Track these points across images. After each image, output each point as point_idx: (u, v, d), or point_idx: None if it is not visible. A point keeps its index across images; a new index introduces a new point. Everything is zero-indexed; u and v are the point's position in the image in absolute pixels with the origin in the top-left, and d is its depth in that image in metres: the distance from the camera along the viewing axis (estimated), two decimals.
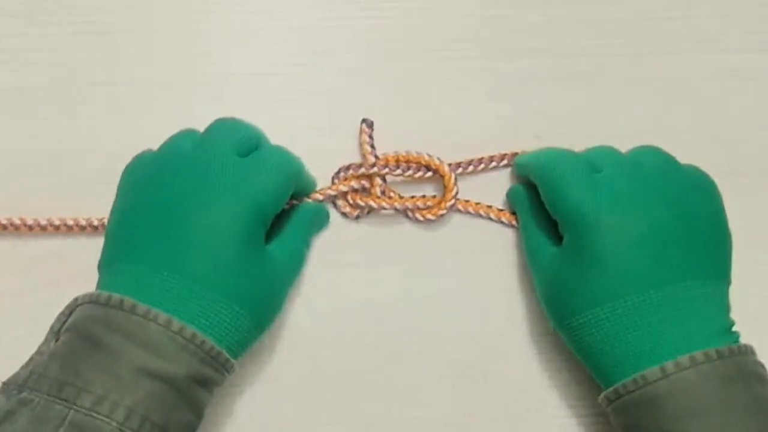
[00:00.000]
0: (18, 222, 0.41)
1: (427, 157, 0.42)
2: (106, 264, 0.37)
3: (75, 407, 0.31)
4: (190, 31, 0.45)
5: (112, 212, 0.38)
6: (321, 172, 0.43)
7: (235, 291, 0.35)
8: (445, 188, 0.43)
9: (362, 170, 0.42)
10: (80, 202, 0.42)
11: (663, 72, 0.47)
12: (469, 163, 0.44)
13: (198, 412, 0.35)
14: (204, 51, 0.45)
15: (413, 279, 0.43)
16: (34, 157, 0.43)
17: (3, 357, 0.35)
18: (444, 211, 0.42)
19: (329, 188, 0.43)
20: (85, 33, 0.45)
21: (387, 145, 0.43)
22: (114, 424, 0.31)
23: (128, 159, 0.40)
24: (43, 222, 0.41)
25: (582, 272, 0.37)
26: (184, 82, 0.45)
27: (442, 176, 0.42)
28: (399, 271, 0.43)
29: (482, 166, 0.44)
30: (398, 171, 0.42)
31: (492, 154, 0.44)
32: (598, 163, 0.39)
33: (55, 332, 0.35)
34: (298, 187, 0.41)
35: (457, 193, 0.42)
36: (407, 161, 0.42)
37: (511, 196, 0.44)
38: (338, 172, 0.43)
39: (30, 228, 0.41)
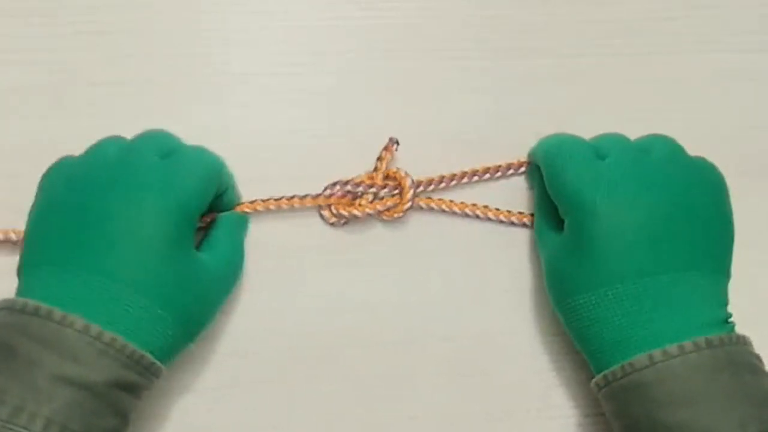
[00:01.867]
0: (15, 238, 0.40)
1: (394, 170, 0.42)
2: (24, 268, 0.36)
3: None
4: (190, 31, 0.45)
5: (30, 215, 0.37)
6: (320, 172, 0.43)
7: (158, 293, 0.35)
8: (402, 190, 0.42)
9: (349, 187, 0.42)
10: None
11: (663, 72, 0.47)
12: (453, 177, 0.44)
13: (123, 418, 0.34)
14: (204, 51, 0.45)
15: (412, 278, 0.43)
16: (34, 157, 0.43)
17: None
18: (402, 213, 0.42)
19: (317, 198, 0.42)
20: (85, 33, 0.44)
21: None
22: None
23: None
24: None
25: (577, 256, 0.37)
26: (184, 82, 0.45)
27: (399, 181, 0.42)
28: (398, 271, 0.43)
29: (465, 179, 0.44)
30: (385, 190, 0.42)
31: (487, 165, 0.44)
32: (604, 149, 0.39)
33: None
34: (221, 185, 0.40)
35: (414, 195, 0.42)
36: (387, 177, 0.43)
37: (529, 175, 0.45)
38: (324, 189, 0.43)
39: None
